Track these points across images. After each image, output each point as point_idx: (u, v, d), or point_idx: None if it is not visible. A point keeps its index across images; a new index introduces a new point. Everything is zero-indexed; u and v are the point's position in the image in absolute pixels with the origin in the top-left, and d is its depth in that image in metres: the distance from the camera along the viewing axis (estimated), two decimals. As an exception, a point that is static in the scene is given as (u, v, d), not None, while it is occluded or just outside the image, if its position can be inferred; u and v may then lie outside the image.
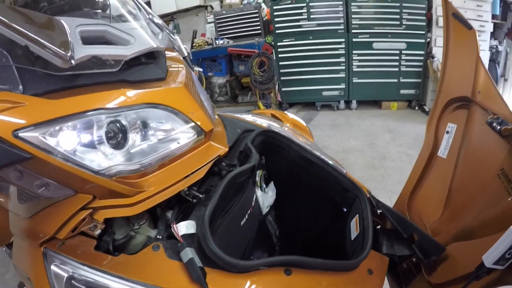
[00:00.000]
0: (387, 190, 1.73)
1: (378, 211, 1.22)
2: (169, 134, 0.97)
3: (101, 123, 0.85)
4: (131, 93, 0.91)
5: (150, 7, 4.94)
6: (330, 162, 1.32)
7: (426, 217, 1.28)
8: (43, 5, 1.09)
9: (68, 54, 0.78)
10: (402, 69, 5.22)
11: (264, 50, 4.90)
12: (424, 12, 5.07)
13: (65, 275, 0.87)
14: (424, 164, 1.35)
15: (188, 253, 0.85)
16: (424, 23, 5.10)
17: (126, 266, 0.88)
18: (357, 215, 1.15)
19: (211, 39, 5.35)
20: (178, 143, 1.00)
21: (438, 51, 5.14)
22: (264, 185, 1.29)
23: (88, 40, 0.87)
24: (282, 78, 5.13)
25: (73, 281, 0.86)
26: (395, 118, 4.99)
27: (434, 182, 1.32)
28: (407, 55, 5.17)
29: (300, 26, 5.04)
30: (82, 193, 0.88)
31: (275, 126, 1.52)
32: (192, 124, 1.01)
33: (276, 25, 5.06)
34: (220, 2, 5.70)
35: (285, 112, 2.11)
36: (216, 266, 0.86)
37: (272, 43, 5.09)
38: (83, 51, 0.83)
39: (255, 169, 1.18)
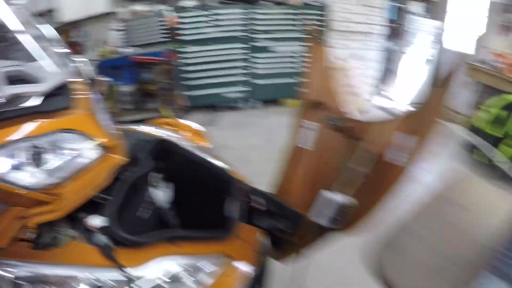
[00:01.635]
0: None
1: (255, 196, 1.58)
2: (79, 152, 1.20)
3: (24, 149, 1.07)
4: (45, 122, 1.14)
5: (55, 15, 4.97)
6: (214, 160, 1.67)
7: (295, 195, 1.65)
8: None
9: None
10: (297, 69, 5.75)
11: (169, 57, 5.07)
12: (319, 18, 5.64)
13: (12, 276, 1.06)
14: (292, 154, 1.73)
15: (101, 238, 1.15)
16: (321, 27, 5.63)
17: (57, 256, 1.12)
18: (234, 199, 1.48)
19: (117, 47, 5.37)
20: (87, 158, 1.21)
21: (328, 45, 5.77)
22: (162, 185, 1.58)
23: (10, 78, 1.09)
24: (186, 83, 5.34)
25: (19, 280, 1.06)
26: (292, 114, 5.43)
27: (300, 167, 1.70)
28: (301, 56, 5.65)
29: (204, 33, 5.28)
30: (14, 206, 1.08)
31: (168, 134, 1.80)
32: (97, 142, 1.24)
33: (181, 32, 5.22)
34: (128, 10, 5.63)
35: (178, 119, 2.36)
36: (122, 246, 1.16)
37: (177, 49, 5.26)
38: (8, 90, 1.05)
39: (149, 173, 1.48)
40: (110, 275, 1.12)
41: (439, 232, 0.96)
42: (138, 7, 5.57)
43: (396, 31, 6.44)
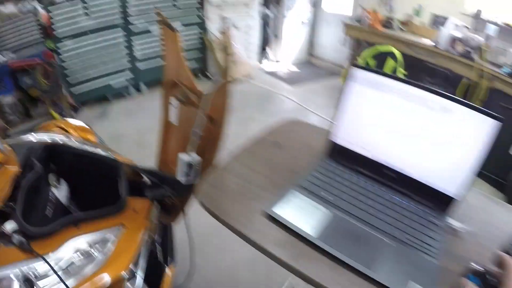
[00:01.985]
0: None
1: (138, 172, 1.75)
2: None
3: None
4: None
5: None
6: (102, 152, 1.82)
7: (171, 166, 1.87)
8: None
9: None
10: (183, 45, 5.82)
11: (46, 57, 4.79)
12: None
13: None
14: (164, 130, 1.95)
15: (16, 237, 1.27)
16: (199, 3, 5.82)
17: None
18: (122, 179, 1.66)
19: None
20: None
21: (211, 25, 6.03)
22: (57, 184, 1.70)
23: None
24: (71, 80, 5.14)
25: None
26: (182, 91, 5.61)
27: (173, 140, 1.94)
28: (184, 33, 5.79)
29: (79, 26, 5.03)
30: None
31: (55, 137, 1.89)
32: None
33: (55, 29, 4.92)
34: None
35: (68, 120, 2.42)
36: (36, 240, 1.30)
37: (54, 47, 4.98)
38: None
39: (45, 176, 1.61)
40: (34, 265, 1.25)
41: (254, 166, 1.20)
42: (8, 8, 4.98)
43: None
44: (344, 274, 0.83)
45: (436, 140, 1.06)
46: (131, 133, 4.48)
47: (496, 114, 0.95)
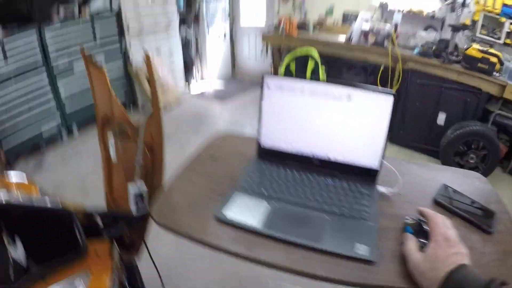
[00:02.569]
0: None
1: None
2: None
3: None
4: None
5: None
6: (48, 203, 1.72)
7: (125, 202, 1.91)
8: None
9: None
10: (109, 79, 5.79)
11: None
12: (115, 24, 5.82)
13: None
14: (107, 169, 1.99)
15: None
16: (116, 33, 5.87)
17: None
18: (75, 224, 1.62)
19: None
20: None
21: (135, 54, 6.11)
22: (11, 241, 1.56)
23: None
24: None
25: None
26: (119, 128, 5.57)
27: (117, 179, 1.97)
28: (108, 66, 5.58)
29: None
30: None
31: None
32: None
33: None
34: None
35: (5, 175, 2.28)
36: None
37: None
38: None
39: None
40: None
41: (195, 181, 1.32)
42: None
43: (188, 18, 7.00)
44: (296, 252, 0.96)
45: (347, 124, 1.24)
46: (72, 180, 4.38)
47: (388, 90, 1.16)
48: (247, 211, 1.12)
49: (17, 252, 1.59)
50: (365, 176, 1.26)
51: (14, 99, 4.95)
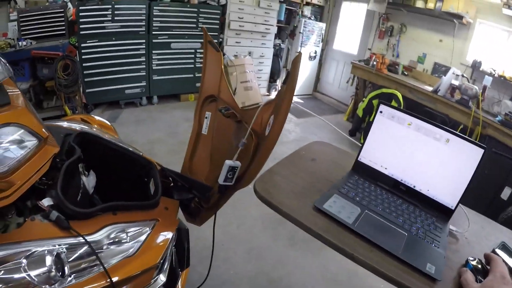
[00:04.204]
0: None
1: (168, 176, 1.87)
2: (22, 143, 1.36)
3: None
4: None
5: None
6: (130, 148, 1.90)
7: (200, 173, 2.05)
8: None
9: None
10: (197, 65, 6.15)
11: (68, 52, 4.87)
12: (218, 17, 6.09)
13: None
14: (194, 139, 2.13)
15: (55, 213, 1.31)
16: (218, 26, 6.12)
17: (18, 235, 1.25)
18: (152, 179, 1.77)
19: (14, 39, 4.82)
20: (29, 148, 1.37)
21: (228, 49, 6.32)
22: (86, 172, 1.74)
23: None
24: (86, 79, 5.23)
25: None
26: (192, 108, 5.68)
27: (202, 150, 2.10)
28: (201, 53, 5.97)
29: (104, 27, 5.18)
30: None
31: (86, 128, 1.97)
32: (35, 134, 1.41)
33: (81, 26, 5.03)
34: None
35: (92, 115, 2.46)
36: (72, 218, 1.34)
37: (76, 44, 5.08)
38: None
39: (79, 160, 1.65)
40: (68, 242, 1.28)
41: (296, 173, 1.48)
42: None
43: (285, 31, 7.22)
44: (376, 253, 1.07)
45: (439, 163, 1.35)
46: (141, 142, 4.57)
47: (481, 144, 1.27)
48: (342, 210, 1.26)
49: (88, 182, 1.72)
50: (441, 212, 1.36)
51: (111, 56, 5.38)
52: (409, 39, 6.27)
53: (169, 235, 1.59)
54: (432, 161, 1.37)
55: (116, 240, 1.41)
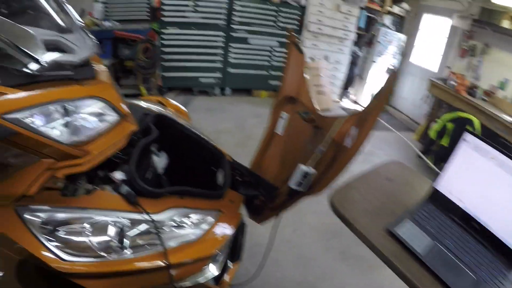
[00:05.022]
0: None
1: (237, 169, 1.89)
2: (102, 117, 1.41)
3: (57, 110, 1.24)
4: (79, 89, 1.32)
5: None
6: (203, 136, 1.92)
7: (268, 171, 2.04)
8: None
9: (40, 59, 1.15)
10: (272, 63, 6.18)
11: (150, 36, 5.16)
12: (298, 17, 6.06)
13: (39, 220, 1.20)
14: (267, 138, 2.13)
15: (125, 187, 1.37)
16: (297, 26, 6.09)
17: (86, 202, 1.30)
18: (221, 169, 1.79)
19: (99, 19, 5.25)
20: (109, 122, 1.43)
21: (304, 51, 6.18)
22: (158, 153, 1.81)
23: (46, 47, 1.20)
24: (163, 63, 5.47)
25: (45, 224, 1.20)
26: (263, 104, 5.80)
27: (273, 149, 2.10)
28: (278, 51, 6.13)
29: (185, 17, 5.41)
30: (45, 158, 1.21)
31: (163, 110, 2.01)
32: (116, 109, 1.46)
33: (164, 13, 5.30)
34: None
35: (168, 99, 2.50)
36: (140, 195, 1.39)
37: (158, 29, 5.34)
38: (48, 56, 1.19)
39: (155, 140, 1.70)
40: (135, 217, 1.34)
41: (372, 190, 1.47)
42: None
43: (363, 38, 7.00)
44: None
45: None
46: (209, 131, 4.58)
47: None
48: (414, 238, 1.23)
49: (159, 162, 1.77)
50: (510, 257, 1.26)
51: (190, 44, 5.61)
52: (491, 61, 5.81)
53: (230, 228, 1.61)
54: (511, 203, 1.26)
55: (179, 223, 1.44)
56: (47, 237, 1.20)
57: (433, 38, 6.74)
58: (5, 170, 1.23)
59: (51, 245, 1.20)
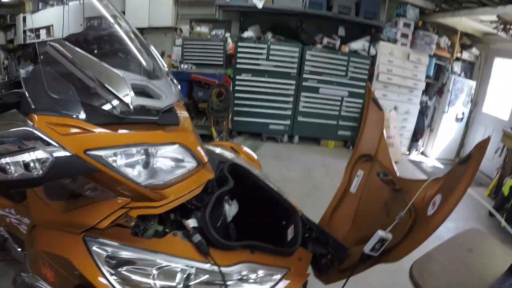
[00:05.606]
0: (318, 214, 2.30)
1: (307, 225, 1.80)
2: (182, 163, 1.45)
3: (140, 152, 1.27)
4: (162, 134, 1.37)
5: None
6: (276, 188, 1.89)
7: (339, 230, 1.95)
8: (93, 48, 1.47)
9: (128, 102, 1.19)
10: (342, 113, 6.15)
11: (224, 81, 5.42)
12: (367, 67, 6.03)
13: (105, 253, 1.24)
14: (341, 195, 2.05)
15: (198, 236, 1.37)
16: (366, 76, 6.06)
17: (156, 245, 1.31)
18: (292, 225, 1.73)
19: (177, 61, 5.70)
20: (187, 169, 1.46)
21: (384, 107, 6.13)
22: (230, 201, 1.79)
23: (135, 90, 1.25)
24: (235, 108, 5.66)
25: (110, 258, 1.24)
26: (331, 155, 5.78)
27: (346, 208, 2.02)
28: (347, 101, 6.10)
29: (258, 64, 5.64)
30: (121, 196, 1.28)
31: (237, 158, 2.03)
32: (196, 157, 1.49)
33: (238, 60, 5.58)
34: (190, 29, 6.00)
35: (242, 146, 2.55)
36: (212, 246, 1.38)
37: (231, 75, 5.61)
38: (135, 101, 1.22)
39: (229, 190, 1.70)
40: (203, 267, 1.33)
41: (453, 262, 1.36)
42: (202, 29, 5.97)
43: (433, 87, 6.76)
44: None
45: None
46: (277, 177, 4.54)
47: None
48: None
49: (229, 211, 1.74)
50: None
51: (262, 91, 5.80)
52: None
53: (299, 284, 1.55)
54: None
55: (245, 278, 1.41)
56: (110, 270, 1.23)
57: (506, 84, 6.26)
58: (80, 201, 1.30)
59: (112, 279, 1.22)
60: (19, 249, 1.87)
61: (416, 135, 6.85)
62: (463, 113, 6.73)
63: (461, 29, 6.29)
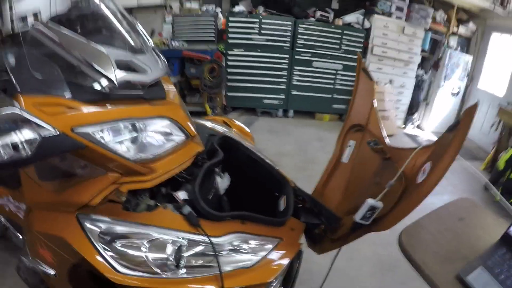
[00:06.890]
0: (313, 187, 2.31)
1: (299, 196, 1.81)
2: (170, 136, 1.44)
3: (127, 127, 1.27)
4: (148, 108, 1.37)
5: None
6: (267, 160, 1.89)
7: (331, 200, 1.95)
8: (76, 27, 1.43)
9: (113, 78, 1.19)
10: (336, 86, 6.10)
11: (216, 57, 5.34)
12: (362, 40, 5.97)
13: (98, 230, 1.24)
14: (333, 166, 2.04)
15: (188, 208, 1.37)
16: (361, 50, 5.97)
17: (147, 218, 1.32)
18: (284, 196, 1.73)
19: (167, 39, 5.58)
20: (176, 142, 1.46)
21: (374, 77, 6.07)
22: (222, 174, 1.78)
23: (119, 66, 1.25)
24: (229, 84, 5.61)
25: (104, 234, 1.24)
26: (326, 128, 5.77)
27: (338, 178, 2.01)
28: (342, 75, 6.05)
29: (250, 39, 5.57)
30: (111, 172, 1.27)
31: (228, 132, 2.02)
32: (183, 130, 1.49)
33: (229, 35, 5.51)
34: (180, 5, 5.85)
35: (233, 119, 2.53)
36: (202, 217, 1.39)
37: (223, 51, 5.53)
38: (120, 76, 1.22)
39: (219, 162, 1.70)
40: (194, 238, 1.34)
41: (443, 231, 1.36)
42: (192, 5, 5.84)
43: (428, 61, 6.73)
44: None
45: None
46: (272, 151, 4.59)
47: None
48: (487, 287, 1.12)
49: (221, 184, 1.74)
50: None
51: (255, 66, 5.74)
52: None
53: (288, 257, 1.56)
54: None
55: (237, 248, 1.42)
56: (105, 246, 1.24)
57: (502, 59, 6.23)
58: (72, 179, 1.29)
59: (107, 254, 1.23)
60: (20, 236, 1.88)
61: (412, 109, 6.83)
62: (459, 88, 6.70)
63: (458, 4, 6.20)
